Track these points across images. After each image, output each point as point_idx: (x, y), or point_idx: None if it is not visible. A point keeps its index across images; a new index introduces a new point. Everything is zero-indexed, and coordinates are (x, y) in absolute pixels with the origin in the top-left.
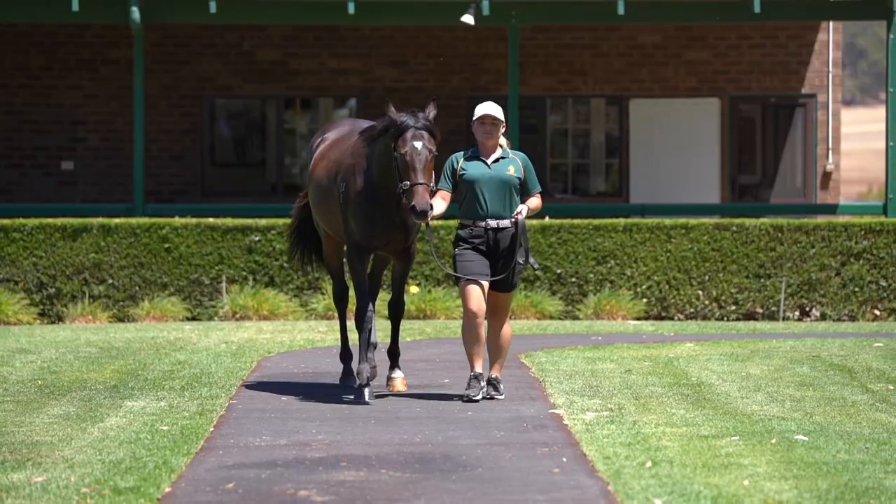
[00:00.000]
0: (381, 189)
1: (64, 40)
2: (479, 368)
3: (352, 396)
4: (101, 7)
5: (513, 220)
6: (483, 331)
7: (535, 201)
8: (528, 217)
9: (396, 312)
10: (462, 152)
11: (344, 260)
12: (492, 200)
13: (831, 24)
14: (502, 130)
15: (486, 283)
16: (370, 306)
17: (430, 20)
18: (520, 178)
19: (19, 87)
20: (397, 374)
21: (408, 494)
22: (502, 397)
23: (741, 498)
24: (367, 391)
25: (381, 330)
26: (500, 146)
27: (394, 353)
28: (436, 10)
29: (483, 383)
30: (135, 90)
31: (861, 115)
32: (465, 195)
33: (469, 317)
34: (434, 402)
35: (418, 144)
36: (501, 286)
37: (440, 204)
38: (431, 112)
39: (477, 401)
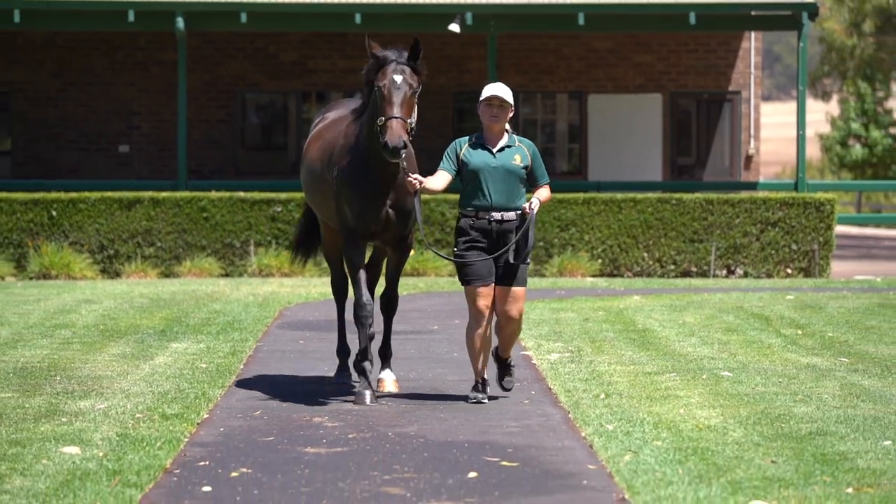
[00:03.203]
0: (375, 168)
1: (121, 45)
2: (484, 375)
3: (352, 398)
4: (152, 18)
5: (526, 211)
6: (489, 336)
7: (544, 193)
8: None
9: (389, 307)
10: (466, 137)
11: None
12: (496, 191)
13: (753, 34)
14: (510, 115)
15: (491, 285)
16: (369, 298)
17: (422, 28)
18: (526, 168)
19: (84, 84)
20: (388, 375)
21: (403, 421)
22: (512, 387)
23: (677, 423)
24: (368, 393)
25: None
26: (507, 132)
27: (385, 355)
28: (427, 20)
29: (487, 388)
30: (179, 86)
31: (777, 108)
32: (468, 184)
33: (476, 320)
34: (425, 346)
35: (398, 77)
36: (511, 280)
37: (437, 181)
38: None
39: (484, 403)
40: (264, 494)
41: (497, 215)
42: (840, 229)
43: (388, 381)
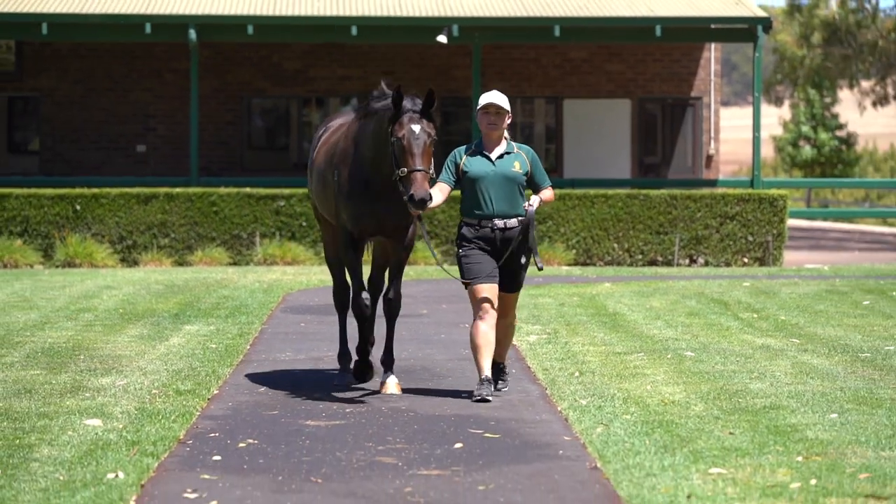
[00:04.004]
0: (374, 175)
1: (139, 55)
2: (488, 372)
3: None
4: (167, 30)
5: (525, 209)
6: (493, 335)
7: (547, 193)
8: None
9: (391, 308)
10: (465, 146)
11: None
12: (497, 199)
13: (713, 45)
14: (507, 121)
15: (495, 284)
16: (367, 296)
17: (413, 39)
18: (526, 175)
19: (106, 90)
20: (391, 379)
21: (395, 397)
22: (507, 388)
23: (644, 398)
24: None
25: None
26: (506, 139)
27: (388, 363)
28: (417, 32)
29: (493, 386)
30: (191, 92)
31: (734, 112)
32: (468, 193)
33: (479, 319)
34: (415, 328)
35: (416, 128)
36: (509, 286)
37: (438, 196)
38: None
39: (490, 400)
40: (269, 463)
41: (500, 223)
42: (791, 222)
43: (391, 384)
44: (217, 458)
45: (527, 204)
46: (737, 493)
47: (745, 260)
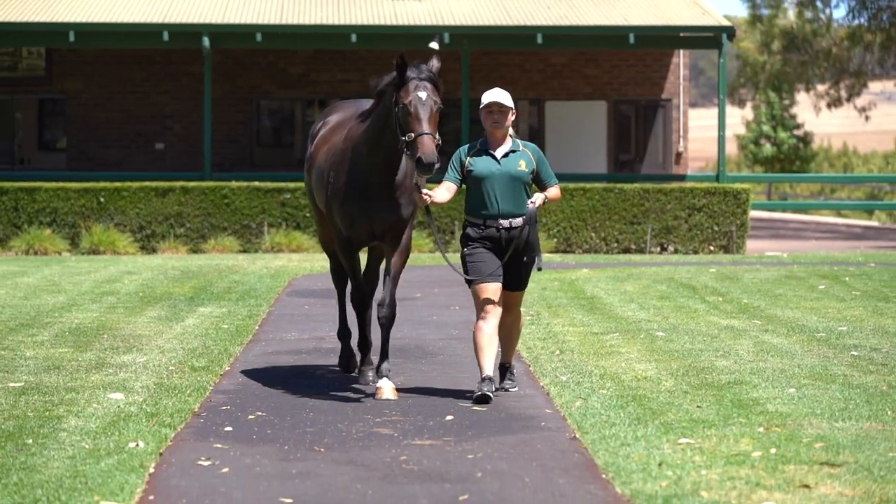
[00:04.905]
0: (371, 178)
1: (158, 60)
2: (489, 371)
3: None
4: (183, 38)
5: (529, 207)
6: (496, 334)
7: (553, 192)
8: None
9: (387, 316)
10: (469, 145)
11: None
12: (502, 198)
13: (681, 51)
14: (511, 118)
15: (498, 283)
16: (366, 292)
17: (407, 46)
18: (532, 173)
19: (128, 92)
20: (387, 383)
21: (392, 373)
22: (516, 388)
23: (619, 374)
24: (370, 373)
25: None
26: (511, 137)
27: (383, 373)
28: (411, 39)
29: (493, 385)
30: (205, 94)
31: (701, 113)
32: (473, 192)
33: (483, 318)
34: (409, 310)
35: (423, 94)
36: (514, 285)
37: (445, 194)
38: (435, 64)
39: (490, 399)
40: (276, 433)
41: (505, 222)
42: (753, 214)
43: (387, 388)
44: (228, 428)
45: (529, 202)
46: (703, 461)
47: (711, 248)
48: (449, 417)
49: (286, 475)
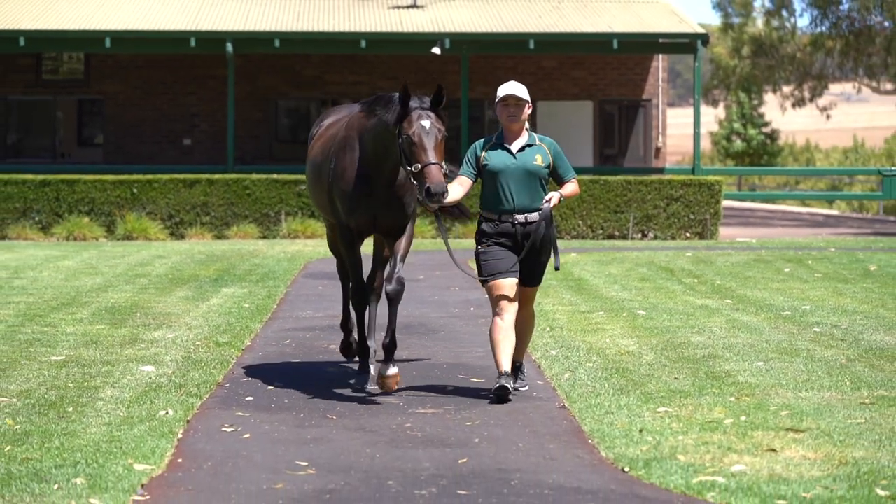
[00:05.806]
0: (374, 171)
1: (186, 64)
2: (506, 367)
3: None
4: (208, 44)
5: (544, 206)
6: (512, 329)
7: (570, 188)
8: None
9: (396, 290)
10: (485, 139)
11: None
12: (518, 193)
13: (660, 56)
14: (528, 112)
15: (514, 279)
16: (367, 290)
17: (412, 50)
18: (549, 167)
19: (159, 93)
20: (391, 370)
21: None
22: (526, 388)
23: (604, 349)
24: (370, 386)
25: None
26: (527, 131)
27: (390, 348)
28: (416, 45)
29: (511, 380)
30: (228, 95)
31: (678, 112)
32: (489, 186)
33: (498, 315)
34: (413, 291)
35: (426, 123)
36: (528, 281)
37: (458, 189)
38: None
39: (509, 395)
40: (292, 403)
41: (521, 217)
42: (726, 203)
43: (391, 378)
44: (250, 398)
45: (545, 201)
46: (680, 428)
47: (688, 234)
48: (449, 388)
49: (302, 440)
